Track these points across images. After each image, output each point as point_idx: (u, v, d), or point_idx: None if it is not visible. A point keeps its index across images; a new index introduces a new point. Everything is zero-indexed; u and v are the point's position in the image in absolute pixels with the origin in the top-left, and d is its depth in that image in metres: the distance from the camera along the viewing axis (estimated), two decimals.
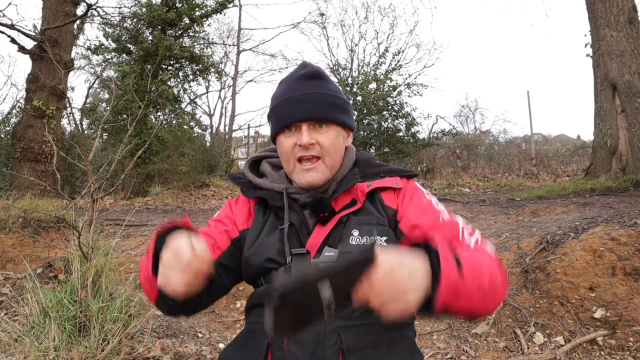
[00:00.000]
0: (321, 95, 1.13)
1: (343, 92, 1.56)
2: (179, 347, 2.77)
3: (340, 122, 1.16)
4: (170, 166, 9.97)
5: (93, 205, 2.86)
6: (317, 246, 1.11)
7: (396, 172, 1.23)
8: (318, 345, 1.03)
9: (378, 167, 1.24)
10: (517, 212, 5.56)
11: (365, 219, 1.12)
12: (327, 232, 1.11)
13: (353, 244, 1.09)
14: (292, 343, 1.05)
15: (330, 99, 1.14)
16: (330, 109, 1.13)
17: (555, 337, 2.95)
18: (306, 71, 1.17)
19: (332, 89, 1.16)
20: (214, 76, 16.23)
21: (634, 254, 3.17)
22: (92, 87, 19.64)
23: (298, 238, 1.13)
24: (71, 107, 14.07)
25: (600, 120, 7.21)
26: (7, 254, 4.43)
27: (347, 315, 1.04)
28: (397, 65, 14.77)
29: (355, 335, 1.03)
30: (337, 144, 1.15)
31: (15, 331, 2.50)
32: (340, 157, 1.19)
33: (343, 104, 1.17)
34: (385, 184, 1.18)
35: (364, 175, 1.20)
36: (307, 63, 1.22)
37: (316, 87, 1.14)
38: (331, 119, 1.14)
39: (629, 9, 7.09)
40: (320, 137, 1.12)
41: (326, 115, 1.13)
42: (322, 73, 1.18)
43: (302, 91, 1.12)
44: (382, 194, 1.17)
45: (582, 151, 13.29)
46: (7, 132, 12.11)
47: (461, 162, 12.54)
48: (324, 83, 1.16)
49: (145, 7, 11.03)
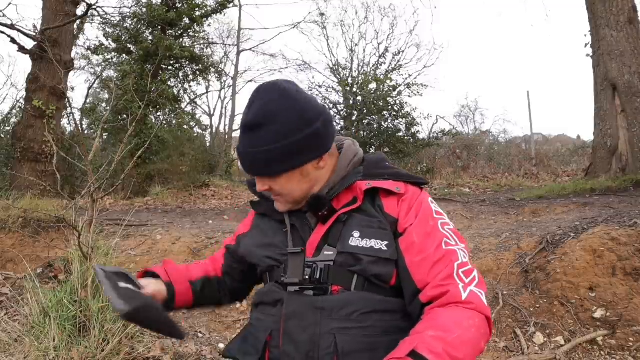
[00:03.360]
0: (255, 153, 1.06)
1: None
2: (179, 347, 2.77)
3: (288, 170, 1.08)
4: (170, 166, 9.97)
5: (93, 205, 2.86)
6: (315, 244, 1.12)
7: (403, 177, 1.18)
8: (313, 346, 1.03)
9: (384, 169, 1.20)
10: (517, 212, 5.56)
11: (367, 220, 1.10)
12: (325, 230, 1.12)
13: (353, 245, 1.08)
14: (287, 343, 1.06)
15: (263, 156, 1.05)
16: (265, 166, 1.07)
17: (555, 337, 2.95)
18: (245, 121, 1.08)
19: (266, 140, 1.04)
20: (214, 76, 16.27)
21: (634, 254, 3.17)
22: (92, 87, 19.64)
23: (300, 237, 1.14)
24: (71, 107, 14.09)
25: (600, 120, 7.21)
26: (7, 254, 4.43)
27: (344, 318, 1.04)
28: (397, 65, 14.74)
29: (350, 338, 1.03)
30: (290, 186, 1.11)
31: (15, 331, 2.50)
32: (306, 190, 1.13)
33: (280, 155, 1.05)
34: (385, 185, 1.14)
35: (368, 174, 1.18)
36: (252, 99, 1.08)
37: (251, 144, 1.06)
38: (271, 175, 1.09)
39: (629, 9, 7.09)
40: (273, 185, 1.11)
41: (264, 172, 1.10)
42: (258, 121, 1.04)
43: (241, 148, 1.09)
44: (383, 200, 1.14)
45: (582, 151, 13.30)
46: (7, 132, 12.12)
47: (461, 162, 12.54)
48: (260, 134, 1.05)
49: (145, 7, 11.02)
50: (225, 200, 8.85)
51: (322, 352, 1.03)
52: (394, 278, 1.08)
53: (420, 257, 1.06)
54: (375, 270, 1.07)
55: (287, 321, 1.07)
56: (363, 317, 1.05)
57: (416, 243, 1.07)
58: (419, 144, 12.16)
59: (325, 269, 1.08)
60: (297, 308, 1.07)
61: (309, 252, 1.11)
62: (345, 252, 1.08)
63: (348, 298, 1.06)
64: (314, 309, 1.05)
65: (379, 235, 1.08)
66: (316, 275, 1.08)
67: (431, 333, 0.93)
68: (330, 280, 1.08)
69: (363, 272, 1.07)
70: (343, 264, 1.08)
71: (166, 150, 10.60)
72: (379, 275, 1.07)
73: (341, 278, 1.08)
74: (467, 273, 1.04)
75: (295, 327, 1.06)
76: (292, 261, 1.12)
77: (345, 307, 1.05)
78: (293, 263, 1.12)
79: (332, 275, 1.08)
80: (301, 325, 1.05)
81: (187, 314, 3.49)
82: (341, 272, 1.08)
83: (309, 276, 1.08)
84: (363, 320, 1.04)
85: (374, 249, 1.07)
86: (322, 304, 1.05)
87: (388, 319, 1.07)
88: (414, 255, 1.06)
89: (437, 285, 1.02)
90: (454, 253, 1.06)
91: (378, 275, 1.07)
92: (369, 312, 1.05)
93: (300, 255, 1.12)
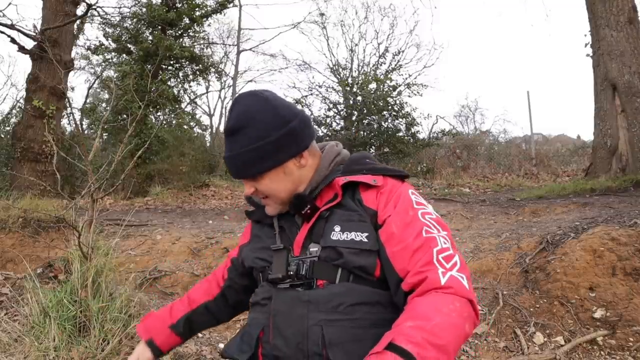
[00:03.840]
0: (237, 156, 1.13)
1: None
2: (179, 347, 2.77)
3: (269, 170, 1.14)
4: (170, 166, 9.97)
5: (93, 205, 2.86)
6: (301, 242, 1.16)
7: (381, 170, 1.20)
8: (302, 339, 1.06)
9: (364, 165, 1.22)
10: (517, 212, 5.56)
11: (347, 214, 1.13)
12: (308, 227, 1.16)
13: (334, 239, 1.11)
14: (277, 337, 1.10)
15: (244, 158, 1.12)
16: (247, 168, 1.14)
17: (555, 337, 2.95)
18: (225, 127, 1.16)
19: (244, 144, 1.11)
20: (214, 76, 16.27)
21: (634, 254, 3.17)
22: (92, 87, 19.64)
23: (288, 238, 1.19)
24: (71, 107, 14.09)
25: (600, 120, 7.21)
26: (7, 254, 4.43)
27: (331, 310, 1.07)
28: (397, 65, 14.74)
29: (338, 330, 1.05)
30: (275, 186, 1.16)
31: (15, 331, 2.50)
32: (290, 189, 1.17)
33: (260, 154, 1.12)
34: (361, 179, 1.16)
35: (347, 171, 1.20)
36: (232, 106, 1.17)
37: (232, 148, 1.14)
38: (252, 176, 1.16)
39: (629, 9, 7.09)
40: (258, 186, 1.17)
41: (246, 174, 1.16)
42: (236, 126, 1.12)
43: (226, 152, 1.16)
44: (362, 194, 1.16)
45: (582, 151, 13.31)
46: (7, 132, 12.12)
47: (461, 162, 12.54)
48: (239, 137, 1.12)
49: (145, 7, 11.02)
50: (225, 200, 8.85)
51: (310, 344, 1.05)
52: (378, 269, 1.10)
53: (400, 247, 1.07)
54: (358, 262, 1.09)
55: (275, 316, 1.12)
56: (350, 309, 1.07)
57: (395, 233, 1.08)
58: (419, 144, 12.16)
59: (311, 264, 1.12)
60: (284, 303, 1.12)
61: (296, 250, 1.16)
62: (328, 246, 1.11)
63: (333, 290, 1.09)
64: (301, 302, 1.09)
65: (359, 227, 1.11)
66: (302, 271, 1.12)
67: (409, 323, 0.93)
68: (315, 275, 1.11)
69: (345, 264, 1.09)
70: (327, 259, 1.11)
71: (166, 150, 10.60)
72: (362, 267, 1.09)
73: (326, 272, 1.11)
74: (448, 258, 1.04)
75: (284, 321, 1.10)
76: (276, 258, 1.17)
77: (331, 300, 1.08)
78: (276, 260, 1.17)
79: (317, 270, 1.11)
80: (289, 319, 1.09)
81: None
82: (325, 267, 1.11)
83: (295, 272, 1.12)
84: (351, 312, 1.06)
85: (355, 241, 1.09)
86: (308, 297, 1.09)
87: (377, 311, 1.09)
88: (394, 245, 1.08)
89: (417, 272, 1.03)
90: (433, 240, 1.06)
91: (361, 267, 1.09)
92: (356, 304, 1.07)
93: (282, 251, 1.17)
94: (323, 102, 13.20)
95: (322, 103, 13.84)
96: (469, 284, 1.01)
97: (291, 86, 18.21)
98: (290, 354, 1.08)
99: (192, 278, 3.94)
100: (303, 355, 1.06)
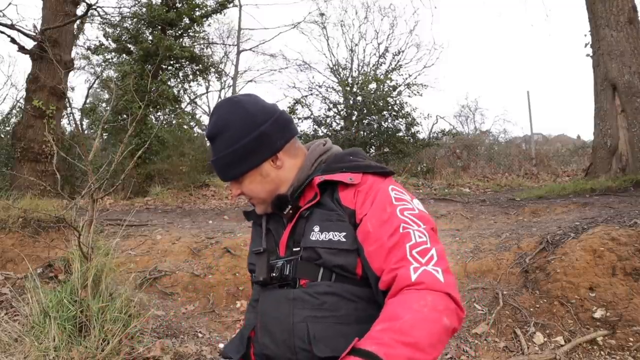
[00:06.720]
0: (217, 160, 1.20)
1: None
2: (179, 347, 2.77)
3: (246, 172, 1.19)
4: (170, 166, 9.96)
5: (93, 205, 2.86)
6: (284, 243, 1.19)
7: (362, 168, 1.18)
8: (289, 336, 1.09)
9: (345, 163, 1.21)
10: (517, 212, 5.56)
11: (326, 214, 1.14)
12: (290, 227, 1.18)
13: (313, 239, 1.12)
14: (265, 335, 1.14)
15: (223, 162, 1.19)
16: (227, 170, 1.20)
17: (555, 337, 2.95)
18: (206, 134, 1.25)
19: (221, 149, 1.18)
20: (214, 76, 16.27)
21: (634, 254, 3.17)
22: (92, 87, 19.61)
23: (274, 239, 1.23)
24: (71, 107, 14.08)
25: (600, 120, 7.21)
26: (7, 254, 4.43)
27: (316, 307, 1.09)
28: (397, 65, 14.73)
29: (323, 326, 1.07)
30: (253, 187, 1.21)
31: (15, 331, 2.50)
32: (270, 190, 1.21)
33: (235, 158, 1.17)
34: (337, 178, 1.14)
35: (327, 169, 1.20)
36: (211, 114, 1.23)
37: (214, 152, 1.20)
38: (235, 178, 1.21)
39: (629, 9, 7.09)
40: (242, 188, 1.23)
41: (227, 177, 1.22)
42: (214, 132, 1.19)
43: (210, 157, 1.25)
44: (340, 193, 1.15)
45: (582, 151, 13.31)
46: (7, 132, 12.12)
47: (461, 162, 12.54)
48: (217, 143, 1.19)
49: (145, 7, 11.01)
50: (225, 200, 8.85)
51: (297, 341, 1.08)
52: (359, 267, 1.10)
53: (375, 246, 1.06)
54: (336, 261, 1.10)
55: (263, 316, 1.16)
56: (335, 305, 1.08)
57: (371, 232, 1.07)
58: (419, 144, 12.15)
59: (294, 264, 1.14)
60: (271, 303, 1.16)
61: (282, 251, 1.19)
62: (308, 246, 1.13)
63: (317, 289, 1.10)
64: (287, 300, 1.12)
65: (337, 227, 1.11)
66: (285, 272, 1.15)
67: (379, 327, 0.93)
68: (298, 274, 1.13)
69: (325, 264, 1.11)
70: (309, 259, 1.13)
71: (166, 150, 10.59)
72: (341, 266, 1.10)
73: (308, 272, 1.13)
74: (423, 253, 1.01)
75: (270, 320, 1.14)
76: (258, 261, 1.22)
77: (315, 298, 1.10)
78: (258, 263, 1.22)
79: (300, 270, 1.14)
80: (275, 318, 1.12)
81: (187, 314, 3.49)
82: (307, 266, 1.13)
83: (279, 273, 1.15)
84: (335, 309, 1.08)
85: (332, 240, 1.10)
86: (293, 296, 1.12)
87: (362, 308, 1.10)
88: (370, 245, 1.07)
89: (390, 270, 1.03)
90: (407, 235, 1.04)
91: (341, 266, 1.10)
92: (340, 301, 1.09)
93: (263, 254, 1.21)
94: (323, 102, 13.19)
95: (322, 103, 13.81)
96: (445, 277, 0.98)
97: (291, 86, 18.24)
98: (279, 352, 1.10)
99: (192, 278, 3.94)
100: (290, 352, 1.08)
